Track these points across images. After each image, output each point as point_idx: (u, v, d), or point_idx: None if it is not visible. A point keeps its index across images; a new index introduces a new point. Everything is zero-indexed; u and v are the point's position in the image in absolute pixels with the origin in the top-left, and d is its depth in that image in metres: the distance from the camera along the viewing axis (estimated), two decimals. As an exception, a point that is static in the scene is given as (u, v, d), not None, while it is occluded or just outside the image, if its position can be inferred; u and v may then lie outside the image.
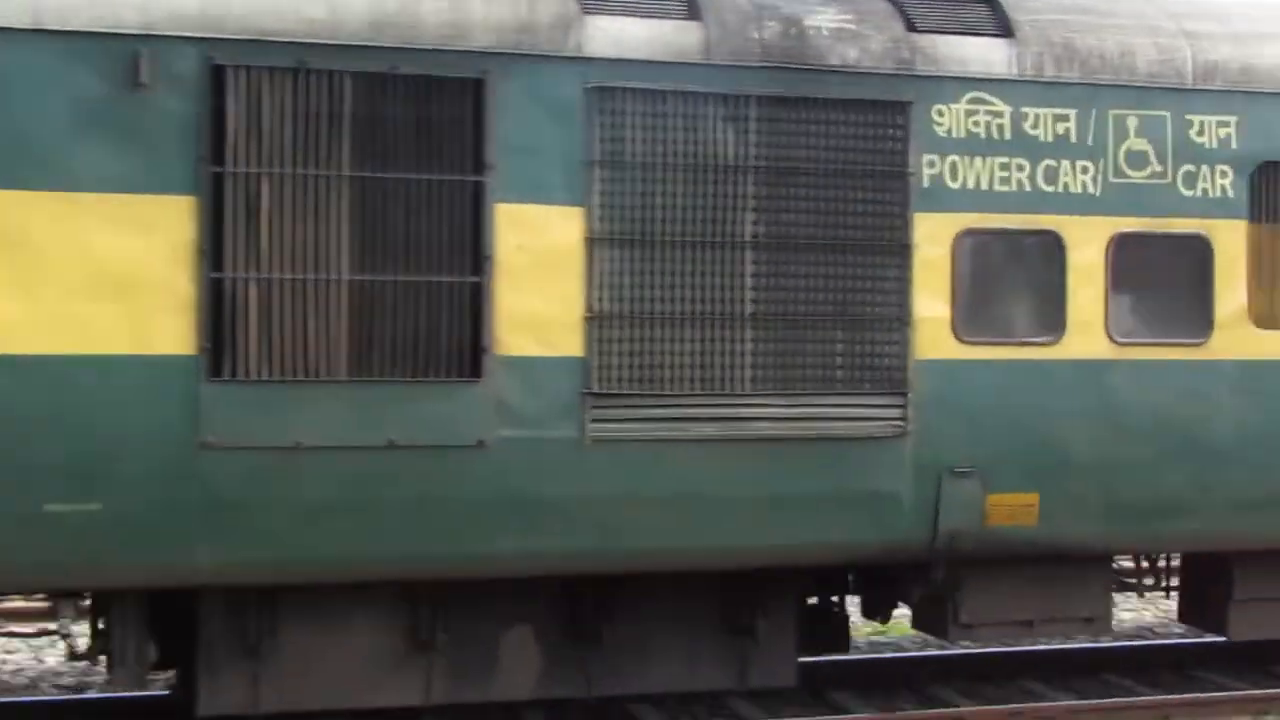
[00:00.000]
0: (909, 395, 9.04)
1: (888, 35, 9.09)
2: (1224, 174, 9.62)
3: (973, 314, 9.20)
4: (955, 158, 9.15)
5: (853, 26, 9.06)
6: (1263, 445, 9.69)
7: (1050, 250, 9.31)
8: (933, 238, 9.09)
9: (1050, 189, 9.31)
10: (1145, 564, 10.75)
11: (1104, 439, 9.41)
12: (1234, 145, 9.63)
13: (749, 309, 8.80)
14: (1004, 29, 9.36)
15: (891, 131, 9.03)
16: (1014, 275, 9.31)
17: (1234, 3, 10.22)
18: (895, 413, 9.04)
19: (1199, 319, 9.59)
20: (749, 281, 8.80)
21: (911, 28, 9.17)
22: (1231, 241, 9.62)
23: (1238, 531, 9.83)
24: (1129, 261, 9.46)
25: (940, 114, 9.12)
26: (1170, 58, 9.57)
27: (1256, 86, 9.70)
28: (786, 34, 8.91)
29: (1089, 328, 9.38)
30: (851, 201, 8.97)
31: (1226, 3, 10.18)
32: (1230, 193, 9.63)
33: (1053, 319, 9.32)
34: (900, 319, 9.04)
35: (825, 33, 8.99)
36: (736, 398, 8.78)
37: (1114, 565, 10.25)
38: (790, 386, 8.88)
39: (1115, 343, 9.42)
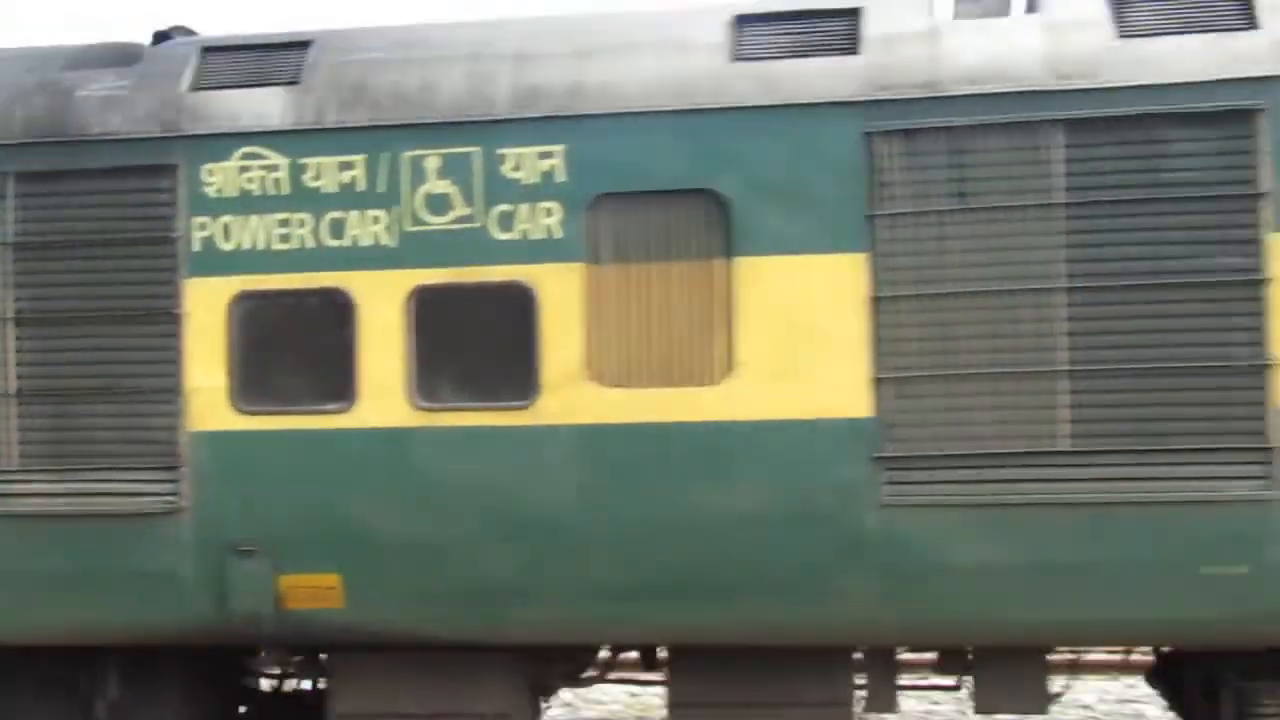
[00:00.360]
0: (182, 469, 8.62)
1: (157, 97, 8.77)
2: (549, 212, 8.36)
3: (252, 382, 8.61)
4: (228, 218, 8.63)
5: (124, 92, 8.81)
6: (618, 523, 8.28)
7: (340, 310, 8.52)
8: (206, 303, 8.63)
9: (336, 244, 8.54)
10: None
11: (411, 515, 8.44)
12: (561, 178, 8.35)
13: (13, 385, 8.78)
14: (291, 77, 8.72)
15: (158, 196, 8.68)
16: (300, 339, 8.59)
17: (594, 16, 8.83)
18: (168, 488, 8.64)
19: (523, 379, 8.38)
20: (13, 358, 8.79)
21: (192, 86, 8.79)
22: (561, 288, 8.32)
23: (604, 623, 8.44)
24: (436, 317, 8.46)
25: (211, 173, 8.65)
26: (480, 87, 8.48)
27: (588, 109, 8.36)
28: (53, 107, 8.84)
29: (386, 392, 8.47)
30: (120, 271, 8.71)
31: (588, 17, 8.82)
32: (558, 233, 8.34)
33: (344, 384, 8.52)
34: (172, 390, 8.64)
35: (94, 101, 8.82)
36: (5, 474, 8.79)
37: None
38: (60, 462, 8.75)
39: (418, 408, 8.44)
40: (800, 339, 8.15)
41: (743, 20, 8.53)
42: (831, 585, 8.14)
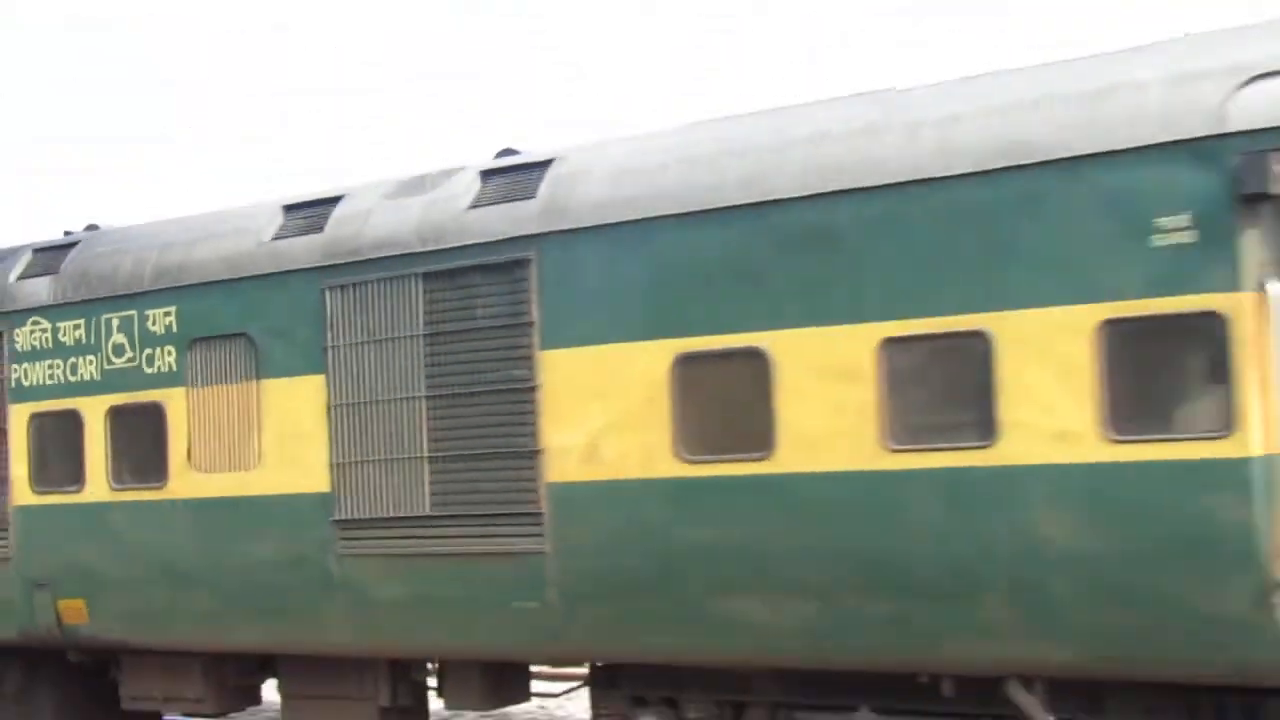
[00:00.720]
0: (9, 531, 13.13)
1: (-2, 286, 13.40)
2: (170, 353, 12.15)
3: (39, 472, 13.05)
4: (28, 364, 13.10)
5: (-19, 284, 13.50)
6: (212, 568, 11.90)
7: (77, 424, 12.76)
8: (18, 421, 13.19)
9: (75, 379, 12.78)
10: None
11: (111, 559, 12.52)
12: (175, 329, 12.13)
13: (-64, 476, 13.67)
14: (56, 269, 13.02)
15: (-2, 352, 13.36)
16: (59, 443, 12.91)
17: (208, 213, 12.41)
18: (1, 544, 13.18)
19: (161, 467, 12.21)
20: None
21: (18, 278, 13.31)
22: (178, 405, 12.10)
23: (215, 637, 12.06)
24: (120, 427, 12.52)
25: (19, 336, 13.15)
26: (138, 269, 12.42)
27: (187, 280, 12.10)
28: (-49, 296, 13.68)
29: (98, 478, 12.61)
30: (-20, 401, 13.42)
31: (205, 213, 12.44)
32: (175, 367, 12.13)
33: (79, 473, 12.72)
34: (3, 479, 13.19)
35: (-31, 291, 13.57)
36: None
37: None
38: None
39: (113, 489, 12.49)
40: (294, 437, 11.48)
41: (287, 209, 11.95)
42: (319, 612, 11.37)
